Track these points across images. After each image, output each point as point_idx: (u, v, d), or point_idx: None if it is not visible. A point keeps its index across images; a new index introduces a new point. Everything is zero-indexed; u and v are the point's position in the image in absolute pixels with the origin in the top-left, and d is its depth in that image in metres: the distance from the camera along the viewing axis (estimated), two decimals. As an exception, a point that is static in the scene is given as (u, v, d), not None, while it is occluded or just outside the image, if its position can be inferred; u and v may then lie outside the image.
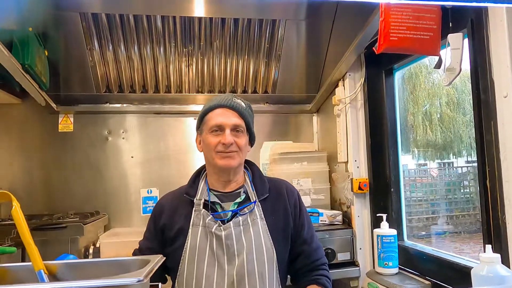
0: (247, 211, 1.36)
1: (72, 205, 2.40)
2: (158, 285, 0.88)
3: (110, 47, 2.24)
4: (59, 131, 2.48)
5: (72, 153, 2.50)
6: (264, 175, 1.54)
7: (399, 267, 1.85)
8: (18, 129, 2.43)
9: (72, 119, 2.50)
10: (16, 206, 0.69)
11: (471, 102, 1.43)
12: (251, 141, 1.47)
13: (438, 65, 1.44)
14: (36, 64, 1.96)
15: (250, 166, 1.51)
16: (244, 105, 1.40)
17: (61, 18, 2.07)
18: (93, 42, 2.19)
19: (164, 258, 0.71)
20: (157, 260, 0.66)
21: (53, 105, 2.38)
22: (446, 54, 1.39)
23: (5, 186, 2.31)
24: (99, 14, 2.07)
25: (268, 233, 1.36)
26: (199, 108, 2.60)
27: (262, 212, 1.38)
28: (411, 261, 1.85)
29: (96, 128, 2.55)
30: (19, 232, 0.68)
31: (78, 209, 2.36)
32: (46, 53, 2.11)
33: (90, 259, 1.68)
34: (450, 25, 1.41)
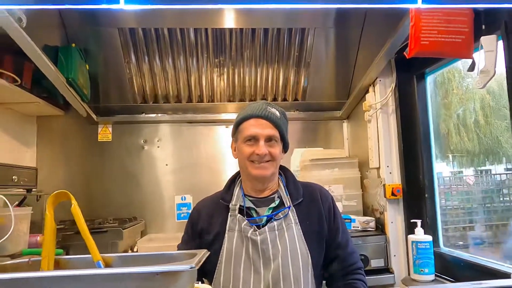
0: (281, 216, 1.38)
1: (111, 211, 2.50)
2: (202, 279, 0.94)
3: (146, 60, 2.35)
4: (99, 140, 2.62)
5: (111, 162, 2.62)
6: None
7: (435, 274, 1.82)
8: (61, 139, 2.58)
9: (110, 129, 2.62)
10: (74, 204, 0.76)
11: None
12: (285, 149, 1.48)
13: (472, 68, 1.43)
14: (79, 77, 2.08)
15: (284, 171, 1.53)
16: (278, 114, 1.41)
17: (101, 33, 2.20)
18: (130, 55, 2.31)
19: (209, 252, 0.75)
20: (203, 253, 0.71)
21: (93, 116, 2.51)
22: (479, 56, 1.38)
23: (49, 193, 2.45)
24: (135, 28, 2.18)
25: (303, 237, 1.37)
26: (230, 116, 2.67)
27: (296, 217, 1.40)
28: (448, 268, 1.81)
29: (132, 137, 2.67)
30: (79, 228, 0.74)
31: (116, 215, 2.46)
32: (87, 67, 2.24)
33: (141, 253, 1.75)
34: (483, 28, 1.40)
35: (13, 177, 1.76)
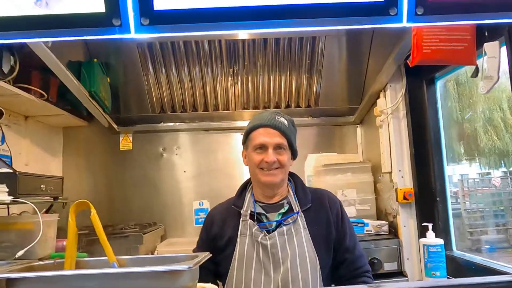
0: (290, 221, 1.44)
1: (132, 217, 2.62)
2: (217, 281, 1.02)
3: (163, 71, 2.46)
4: (120, 149, 2.74)
5: (132, 169, 2.73)
6: (308, 186, 1.61)
7: (447, 277, 1.83)
8: (85, 149, 2.72)
9: (131, 138, 2.75)
10: (93, 212, 0.84)
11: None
12: (294, 156, 1.54)
13: (475, 74, 1.45)
14: (101, 90, 2.21)
15: (293, 177, 1.59)
16: (286, 123, 1.47)
17: (120, 48, 2.32)
18: (148, 67, 2.42)
19: (211, 255, 0.82)
20: (204, 255, 0.78)
21: (115, 126, 2.64)
22: (483, 63, 1.41)
23: (74, 200, 2.58)
24: (153, 42, 2.29)
25: (311, 242, 1.42)
26: (245, 124, 2.72)
27: (305, 222, 1.45)
28: (461, 271, 1.82)
29: (152, 146, 2.78)
30: (96, 233, 0.83)
31: (137, 220, 2.56)
32: (108, 80, 2.36)
33: (150, 255, 1.86)
34: (486, 34, 1.42)
35: (41, 185, 1.89)
